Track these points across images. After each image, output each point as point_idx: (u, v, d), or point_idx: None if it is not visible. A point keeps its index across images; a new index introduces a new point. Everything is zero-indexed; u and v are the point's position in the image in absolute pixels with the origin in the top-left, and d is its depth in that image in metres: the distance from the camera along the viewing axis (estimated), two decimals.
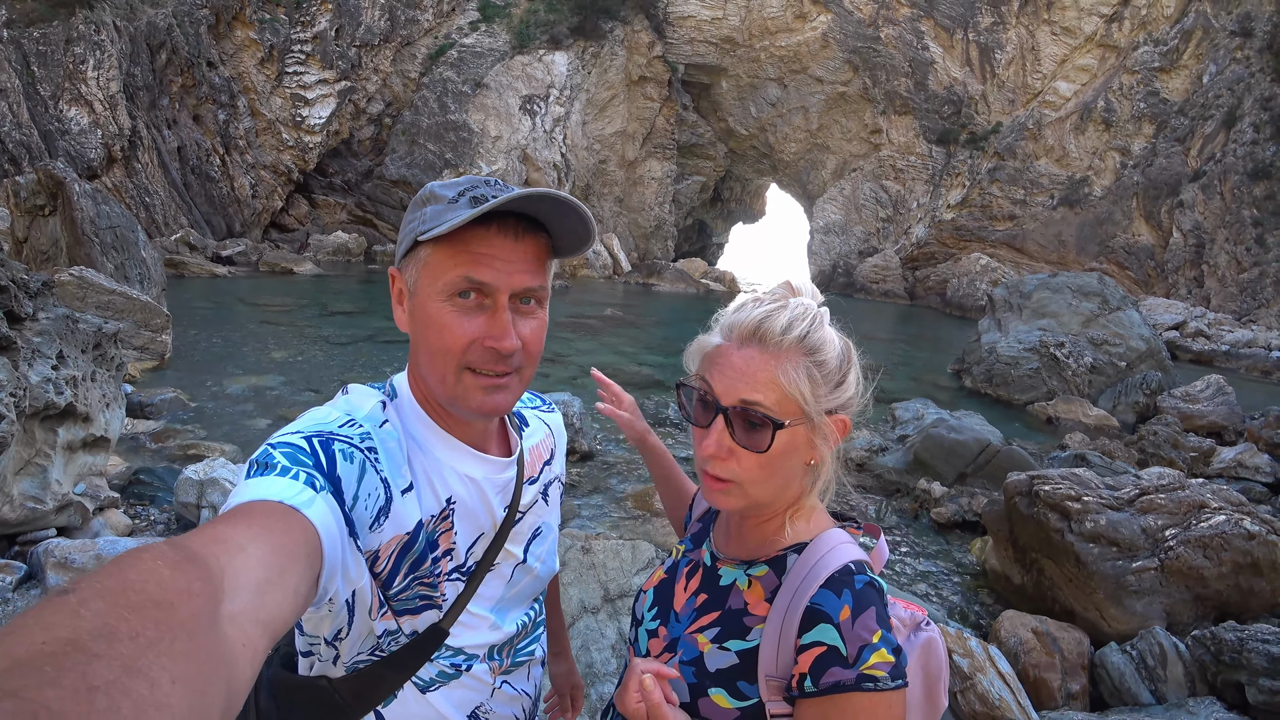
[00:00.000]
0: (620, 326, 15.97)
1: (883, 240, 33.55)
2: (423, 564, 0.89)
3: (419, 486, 0.90)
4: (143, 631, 0.38)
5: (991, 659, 3.16)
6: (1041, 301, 12.91)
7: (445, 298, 0.85)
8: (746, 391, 0.87)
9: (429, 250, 0.86)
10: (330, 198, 27.36)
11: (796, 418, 0.87)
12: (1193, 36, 27.71)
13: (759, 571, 0.93)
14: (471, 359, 0.86)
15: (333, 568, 0.71)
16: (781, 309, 0.90)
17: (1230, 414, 10.01)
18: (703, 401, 0.91)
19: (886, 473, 6.92)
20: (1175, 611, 3.98)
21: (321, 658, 0.89)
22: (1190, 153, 27.25)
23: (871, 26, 30.62)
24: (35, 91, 18.64)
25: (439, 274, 0.85)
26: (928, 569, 5.15)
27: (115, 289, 8.25)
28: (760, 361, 0.87)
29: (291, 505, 0.68)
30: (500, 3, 28.97)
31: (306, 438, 0.79)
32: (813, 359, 0.88)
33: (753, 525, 0.96)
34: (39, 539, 3.55)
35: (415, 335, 0.90)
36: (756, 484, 0.89)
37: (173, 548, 0.49)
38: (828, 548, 0.90)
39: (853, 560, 0.87)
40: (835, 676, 0.79)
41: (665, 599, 1.05)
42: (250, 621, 0.51)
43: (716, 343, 0.93)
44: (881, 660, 0.79)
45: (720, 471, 0.89)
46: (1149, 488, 4.42)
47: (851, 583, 0.84)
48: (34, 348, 3.88)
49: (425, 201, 0.88)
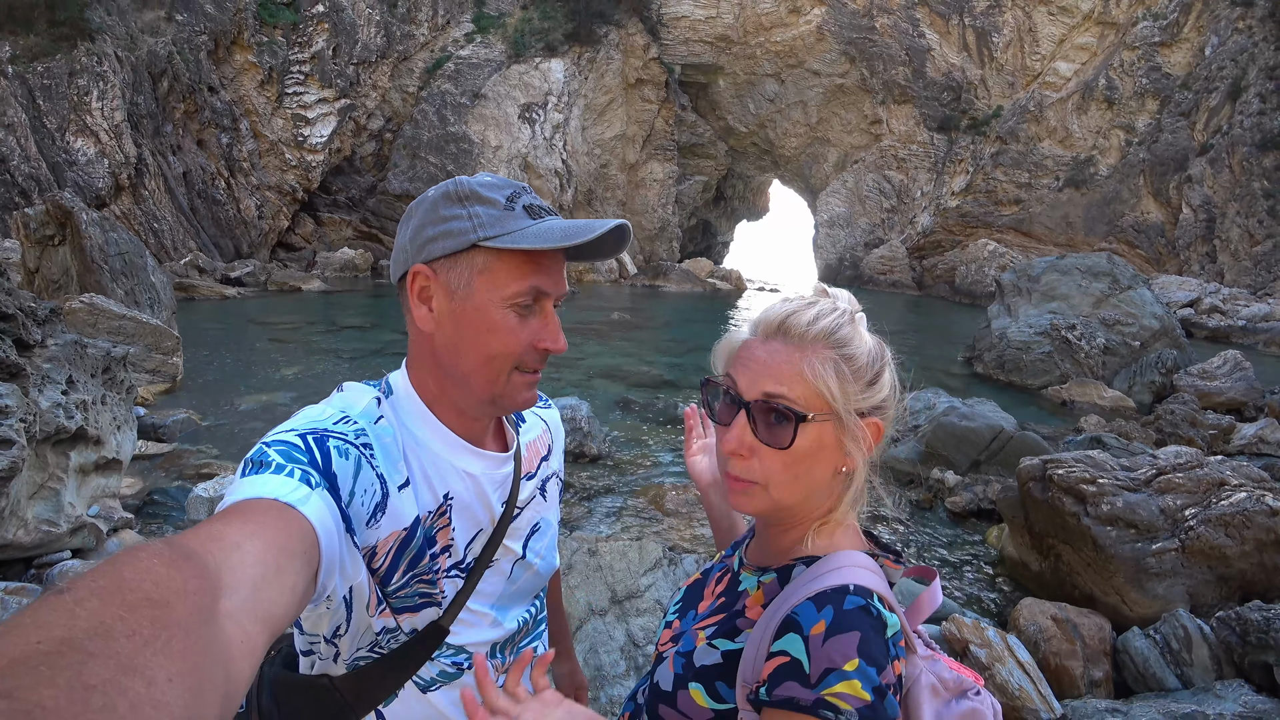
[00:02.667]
0: (628, 329, 15.97)
1: (888, 231, 33.36)
2: (421, 560, 0.89)
3: (416, 482, 0.89)
4: (139, 630, 0.38)
5: (1010, 648, 3.12)
6: (1051, 284, 12.77)
7: (509, 304, 0.87)
8: (769, 384, 0.83)
9: (491, 257, 0.86)
10: (335, 215, 27.59)
11: (822, 413, 0.83)
12: (1193, 9, 27.37)
13: (768, 578, 0.91)
14: (523, 360, 0.89)
15: (330, 564, 0.71)
16: (810, 305, 0.88)
17: (1249, 389, 9.84)
18: (727, 397, 0.88)
19: (899, 463, 6.86)
20: (1198, 593, 3.90)
21: (322, 656, 0.89)
22: (1196, 127, 26.91)
23: (866, 17, 30.50)
24: (42, 124, 18.94)
25: (505, 282, 0.86)
26: (944, 559, 5.09)
27: (125, 314, 8.35)
28: (784, 354, 0.84)
29: (287, 502, 0.68)
30: (494, 13, 29.12)
31: (301, 435, 0.79)
32: (840, 353, 0.84)
33: (776, 534, 0.93)
34: (54, 561, 3.60)
35: (461, 337, 0.88)
36: (780, 485, 0.85)
37: (169, 546, 0.48)
38: (836, 565, 0.84)
39: (856, 583, 0.80)
40: (790, 692, 0.72)
41: (694, 598, 1.04)
42: (248, 618, 0.51)
43: (743, 338, 0.91)
44: (850, 692, 0.70)
45: (741, 471, 0.85)
46: (1166, 467, 4.34)
47: (839, 602, 0.77)
48: (43, 374, 3.93)
49: (466, 199, 0.86)
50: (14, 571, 3.56)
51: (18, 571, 3.56)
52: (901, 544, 5.31)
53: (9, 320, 3.84)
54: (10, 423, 3.31)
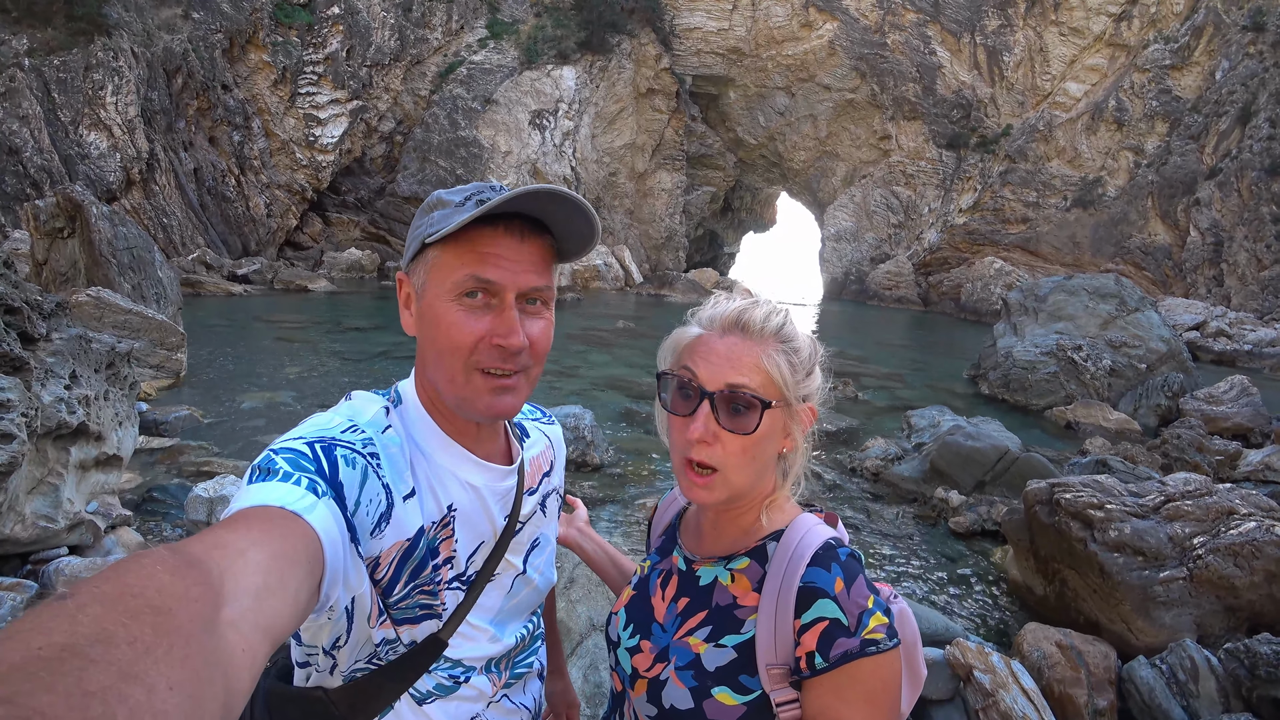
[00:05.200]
0: (632, 338, 15.95)
1: (895, 246, 33.36)
2: (423, 571, 0.88)
3: (421, 492, 0.89)
4: (140, 637, 0.38)
5: (1015, 675, 3.06)
6: (1057, 304, 12.72)
7: (453, 297, 0.86)
8: (733, 375, 0.90)
9: (436, 252, 0.87)
10: (344, 215, 27.71)
11: (778, 400, 0.91)
12: (1204, 33, 27.43)
13: (741, 564, 0.95)
14: (480, 358, 0.87)
15: (334, 574, 0.70)
16: (756, 304, 0.96)
17: (1255, 415, 9.77)
18: (683, 389, 0.93)
19: (903, 481, 6.81)
20: (1206, 623, 3.84)
21: (319, 668, 0.88)
22: (1205, 150, 26.90)
23: (878, 33, 30.63)
24: (56, 117, 19.07)
25: (447, 274, 0.86)
26: (946, 580, 5.04)
27: (131, 308, 8.36)
28: (744, 348, 0.92)
29: (293, 511, 0.67)
30: (508, 20, 29.33)
31: (309, 443, 0.78)
32: (787, 346, 0.93)
33: (729, 519, 0.99)
34: (50, 558, 3.57)
35: (423, 337, 0.90)
36: (738, 470, 0.91)
37: (172, 553, 0.48)
38: (804, 529, 0.93)
39: (831, 537, 0.92)
40: (843, 647, 0.82)
41: (642, 614, 1.04)
42: (250, 627, 0.51)
43: (696, 333, 0.96)
44: (878, 623, 0.83)
45: (704, 456, 0.91)
46: (1175, 494, 4.29)
47: (836, 555, 0.88)
48: (47, 368, 3.91)
49: (432, 207, 0.90)
50: (10, 567, 3.53)
51: (14, 567, 3.54)
52: (904, 560, 5.26)
53: (15, 313, 3.83)
54: (12, 416, 3.29)
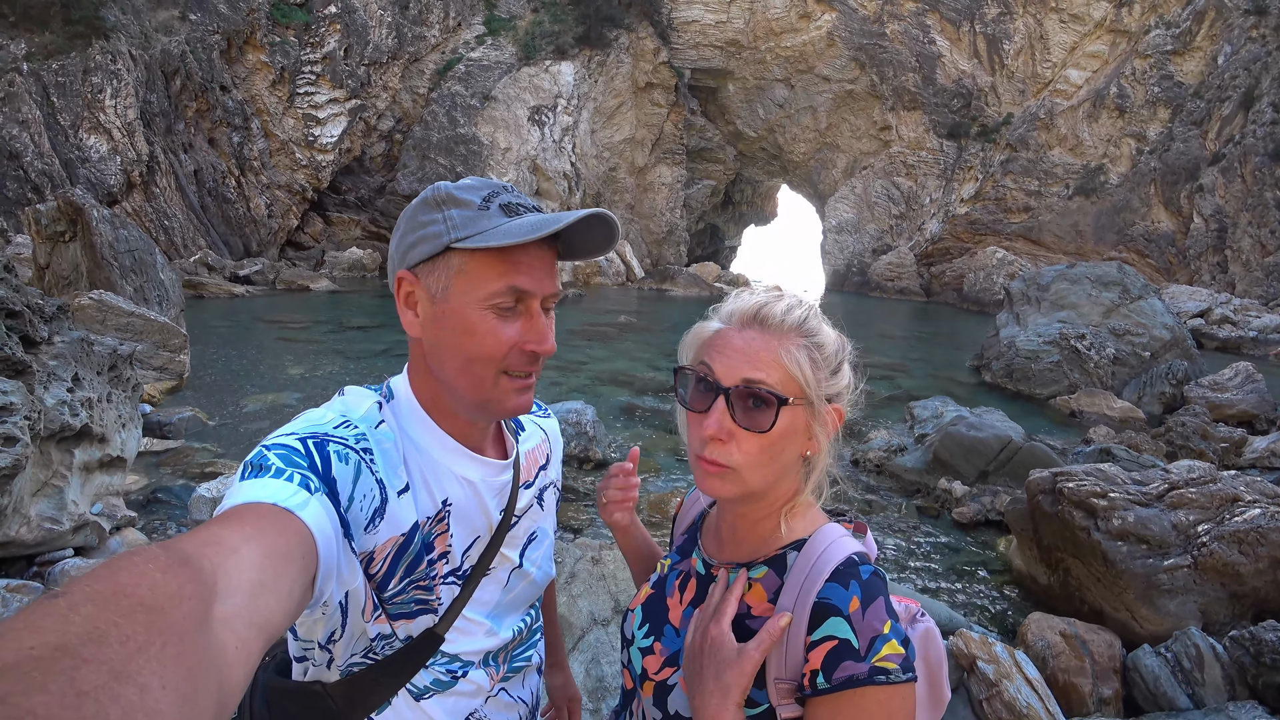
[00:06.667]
0: (634, 333, 15.94)
1: (896, 237, 33.23)
2: (418, 566, 0.88)
3: (415, 488, 0.89)
4: (133, 636, 0.38)
5: (1018, 664, 3.06)
6: (1060, 293, 12.67)
7: (487, 305, 0.85)
8: (749, 370, 0.86)
9: (464, 259, 0.86)
10: (344, 214, 27.71)
11: (798, 398, 0.87)
12: (1205, 17, 27.19)
13: (759, 573, 0.91)
14: (510, 363, 0.88)
15: (328, 570, 0.70)
16: (779, 298, 0.92)
17: (1261, 402, 9.73)
18: (701, 384, 0.90)
19: (906, 473, 6.80)
20: (1210, 611, 3.84)
21: (315, 662, 0.88)
22: (1208, 136, 26.71)
23: (876, 23, 30.44)
24: (55, 121, 19.09)
25: (481, 283, 0.85)
26: (950, 570, 5.03)
27: (134, 311, 8.38)
28: (762, 342, 0.88)
29: (286, 507, 0.67)
30: (505, 16, 29.22)
31: (301, 439, 0.78)
32: (811, 341, 0.89)
33: (748, 525, 0.95)
34: (56, 559, 3.59)
35: (443, 342, 0.88)
36: (754, 469, 0.87)
37: (165, 551, 0.48)
38: (828, 541, 0.88)
39: (855, 552, 0.87)
40: (848, 671, 0.77)
41: (657, 614, 1.02)
42: (244, 624, 0.51)
43: (715, 328, 0.93)
44: (893, 652, 0.77)
45: (718, 455, 0.87)
46: (1178, 482, 4.28)
47: (858, 573, 0.83)
48: (50, 371, 3.93)
49: (443, 204, 0.87)
50: (16, 569, 3.55)
51: (19, 569, 3.56)
52: (907, 551, 5.26)
53: (16, 317, 3.84)
54: (15, 420, 3.30)
